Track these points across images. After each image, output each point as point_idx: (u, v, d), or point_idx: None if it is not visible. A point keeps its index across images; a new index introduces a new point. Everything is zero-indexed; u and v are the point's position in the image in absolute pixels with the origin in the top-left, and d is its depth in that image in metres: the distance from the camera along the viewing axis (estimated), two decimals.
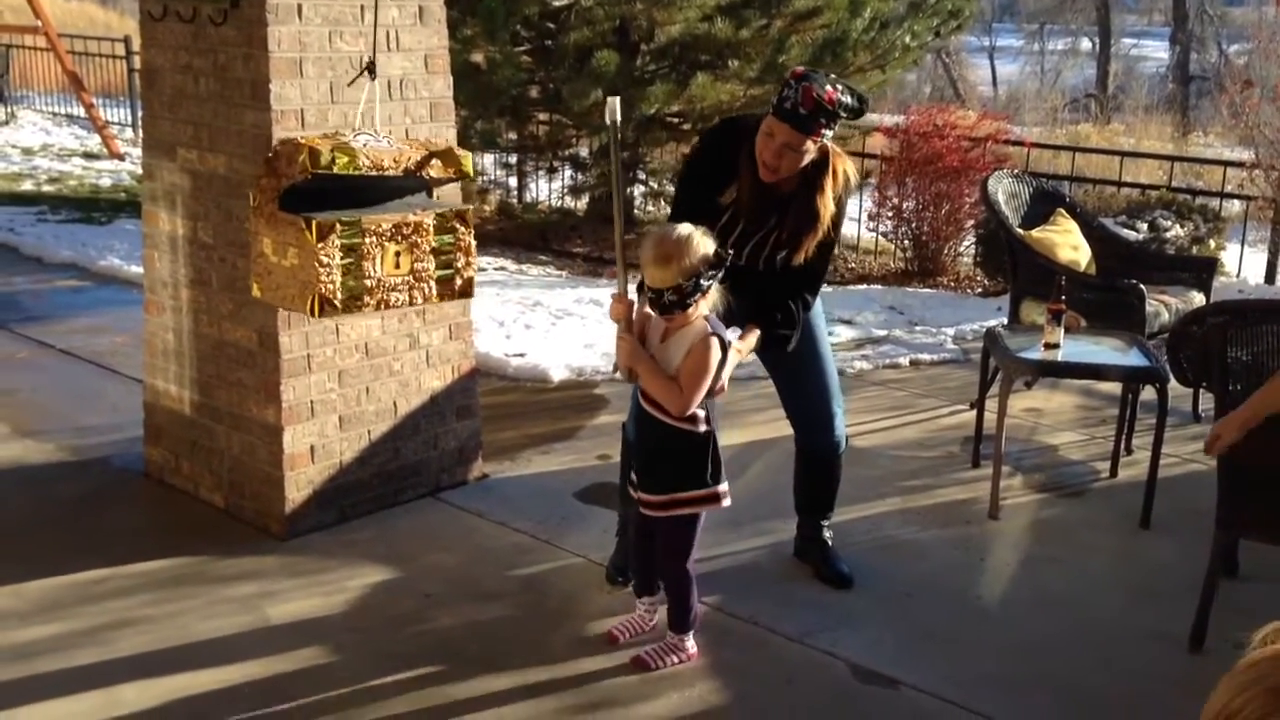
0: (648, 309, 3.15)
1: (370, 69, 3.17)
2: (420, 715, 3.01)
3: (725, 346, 3.09)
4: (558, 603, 3.59)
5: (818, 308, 3.65)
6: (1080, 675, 3.30)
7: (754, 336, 3.36)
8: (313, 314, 3.01)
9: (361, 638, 3.36)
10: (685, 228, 3.02)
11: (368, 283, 3.04)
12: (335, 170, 2.96)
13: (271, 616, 3.45)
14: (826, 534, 3.84)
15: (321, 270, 2.91)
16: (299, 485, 3.91)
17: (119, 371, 5.48)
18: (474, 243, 3.37)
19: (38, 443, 4.65)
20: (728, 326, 3.24)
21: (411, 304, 3.21)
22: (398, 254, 3.08)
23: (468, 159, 3.40)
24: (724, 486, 3.18)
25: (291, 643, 3.31)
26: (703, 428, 3.13)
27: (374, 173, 3.08)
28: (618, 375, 3.40)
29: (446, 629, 3.42)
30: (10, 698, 3.00)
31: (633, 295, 3.23)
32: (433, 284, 3.26)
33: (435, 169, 3.31)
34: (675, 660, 3.24)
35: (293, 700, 3.04)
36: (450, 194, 3.84)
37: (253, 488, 3.98)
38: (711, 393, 3.12)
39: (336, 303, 3.03)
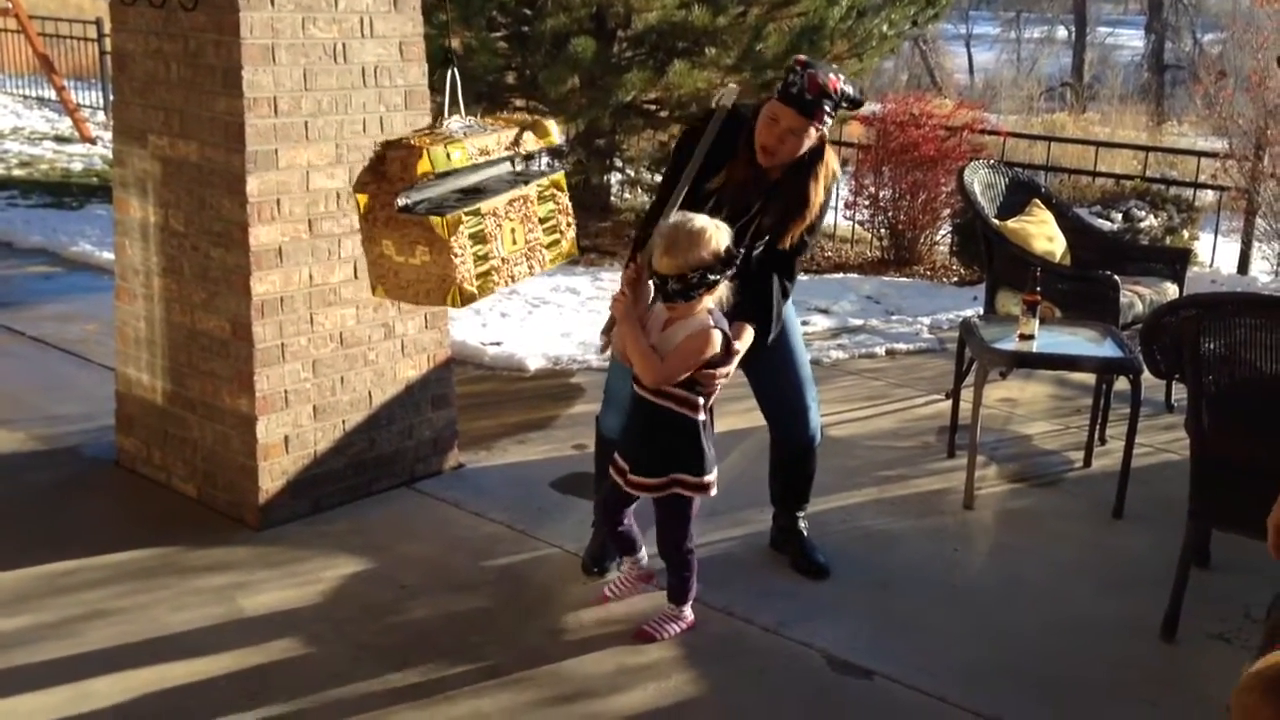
0: (651, 300, 3.15)
1: (448, 57, 3.20)
2: (396, 706, 2.99)
3: (728, 343, 3.12)
4: (533, 593, 3.58)
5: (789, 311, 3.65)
6: (1053, 665, 3.32)
7: (748, 334, 3.36)
8: (453, 305, 3.00)
9: (336, 628, 3.34)
10: (700, 219, 3.04)
11: (494, 262, 3.05)
12: (452, 165, 2.95)
13: (245, 608, 3.42)
14: (802, 524, 3.85)
15: (456, 261, 2.91)
16: (273, 475, 3.88)
17: (90, 360, 5.42)
18: (570, 205, 3.36)
19: (8, 432, 4.60)
20: None
21: (531, 274, 3.23)
22: (513, 230, 3.10)
23: (553, 128, 3.41)
24: (712, 477, 3.24)
25: (266, 634, 3.29)
26: (700, 415, 3.17)
27: (482, 159, 3.09)
28: (595, 356, 3.40)
29: (422, 620, 3.41)
30: None
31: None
32: (545, 251, 3.28)
33: (528, 142, 3.30)
34: (676, 629, 3.33)
35: (268, 692, 3.02)
36: None
37: (226, 478, 3.95)
38: (709, 392, 3.16)
39: (474, 289, 3.00)
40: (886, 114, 8.37)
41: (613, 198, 9.59)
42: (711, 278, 3.01)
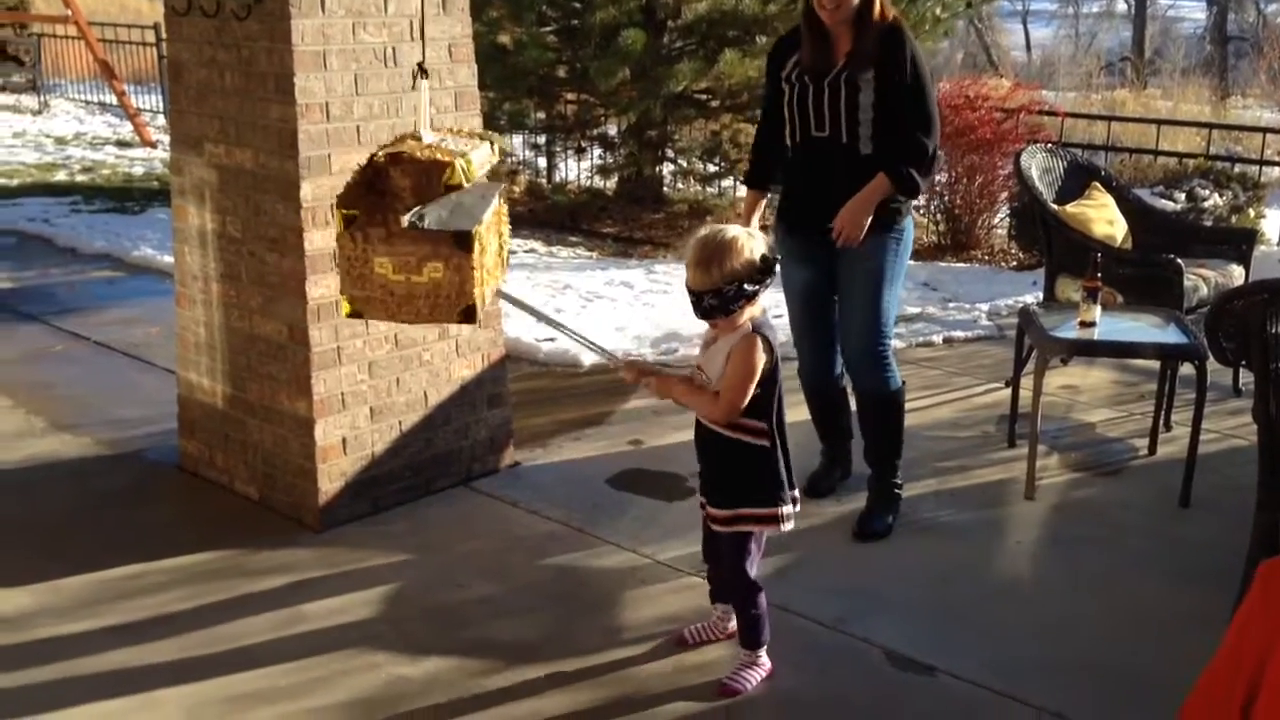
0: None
1: (422, 70, 3.13)
2: (455, 707, 3.01)
3: (771, 346, 2.93)
4: (591, 592, 3.59)
5: (908, 233, 3.88)
6: (1120, 659, 3.27)
7: (882, 183, 3.68)
8: (466, 322, 2.93)
9: (396, 629, 3.37)
10: (733, 229, 2.90)
11: (485, 274, 3.00)
12: (470, 177, 2.89)
13: (307, 610, 3.46)
14: (889, 484, 4.00)
15: (474, 274, 2.86)
16: (331, 477, 3.92)
17: (153, 363, 5.52)
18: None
19: (74, 436, 4.69)
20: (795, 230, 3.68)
21: (500, 283, 3.16)
22: (490, 241, 3.04)
23: (501, 141, 3.37)
24: (787, 509, 3.03)
25: (327, 636, 3.33)
26: (763, 441, 2.98)
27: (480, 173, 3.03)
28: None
29: (480, 619, 3.43)
30: (48, 697, 3.03)
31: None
32: (504, 261, 3.24)
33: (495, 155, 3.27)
34: (757, 677, 3.11)
35: (329, 694, 3.06)
36: None
37: (286, 480, 4.00)
38: (780, 402, 3.01)
39: (486, 302, 2.96)
40: (941, 97, 8.25)
41: (665, 189, 9.56)
42: (749, 289, 2.86)
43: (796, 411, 4.34)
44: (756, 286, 2.88)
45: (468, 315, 2.87)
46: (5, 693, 3.04)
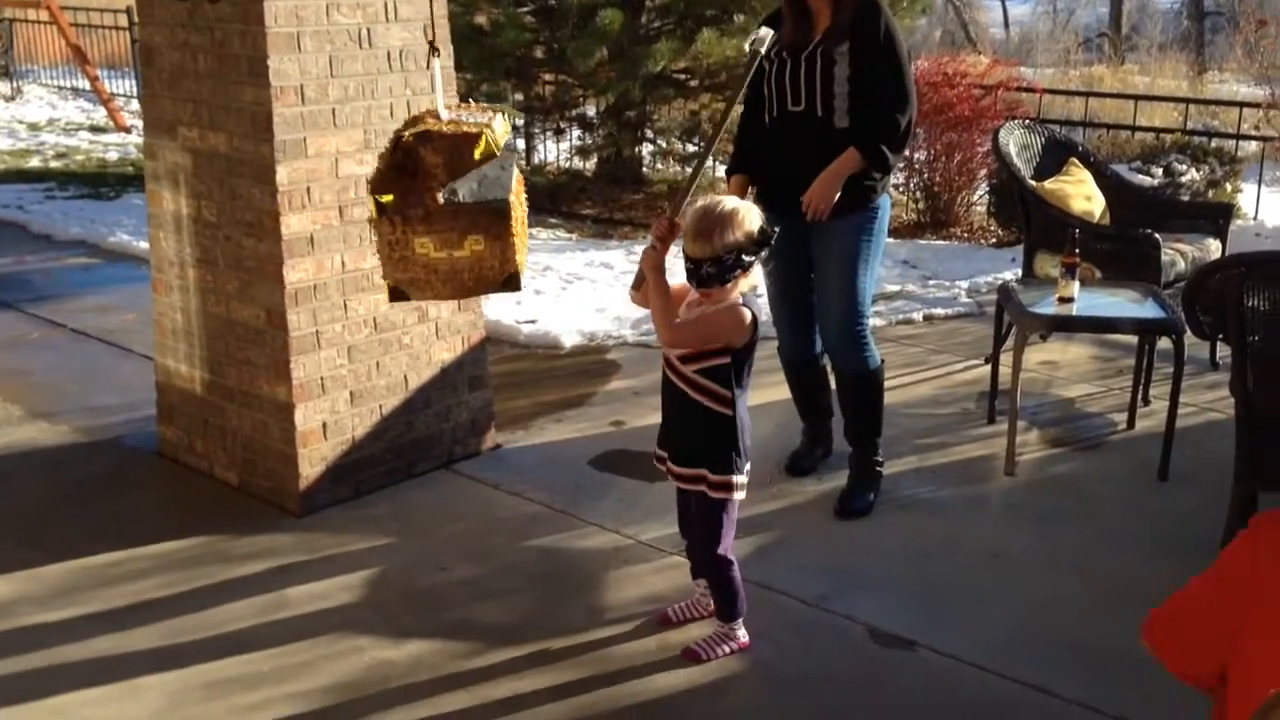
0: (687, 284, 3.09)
1: (433, 48, 3.11)
2: (439, 688, 3.01)
3: (756, 320, 3.00)
4: (574, 573, 3.59)
5: (884, 211, 3.87)
6: (1100, 632, 3.29)
7: (853, 157, 3.67)
8: (511, 289, 2.91)
9: (379, 613, 3.36)
10: (732, 201, 2.98)
11: (521, 241, 2.99)
12: (498, 147, 2.88)
13: (290, 595, 3.46)
14: (870, 462, 4.00)
15: (514, 241, 2.86)
16: (312, 462, 3.91)
17: (131, 350, 5.48)
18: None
19: (51, 424, 4.66)
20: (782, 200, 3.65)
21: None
22: (520, 208, 3.01)
23: (512, 112, 3.34)
24: (740, 478, 3.07)
25: (310, 621, 3.32)
26: (725, 409, 3.03)
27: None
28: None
29: (463, 602, 3.43)
30: (30, 685, 3.02)
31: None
32: (525, 227, 3.21)
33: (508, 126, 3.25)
34: (727, 650, 3.15)
35: (312, 679, 3.05)
36: None
37: (266, 465, 3.99)
38: (747, 371, 3.05)
39: (524, 267, 2.95)
40: (919, 74, 8.24)
41: (645, 169, 9.54)
42: (746, 259, 2.93)
43: (777, 390, 4.36)
44: (753, 258, 2.95)
45: (511, 282, 2.89)
46: None
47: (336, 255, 3.87)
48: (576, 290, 6.51)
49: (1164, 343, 4.57)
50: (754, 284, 3.04)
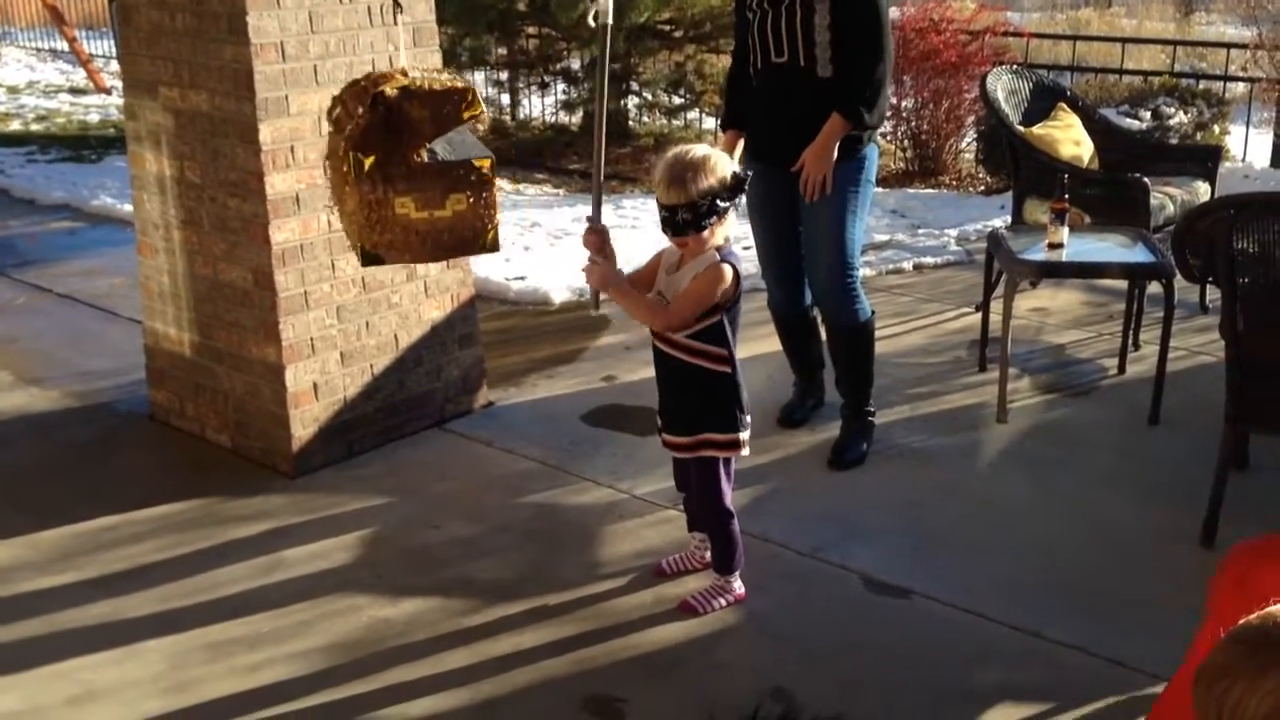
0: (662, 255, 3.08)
1: (396, 3, 3.06)
2: (438, 645, 3.03)
3: (738, 273, 2.98)
4: (569, 529, 3.60)
5: (871, 161, 3.83)
6: (1092, 576, 3.32)
7: (837, 125, 3.61)
8: (488, 250, 2.88)
9: (375, 572, 3.37)
10: (702, 148, 2.95)
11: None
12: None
13: (286, 556, 3.46)
14: (863, 413, 4.01)
15: (496, 200, 2.83)
16: (304, 423, 3.90)
17: (118, 314, 5.45)
18: None
19: (42, 390, 4.64)
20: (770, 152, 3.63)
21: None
22: None
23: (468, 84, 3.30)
24: (745, 434, 3.10)
25: (307, 581, 3.33)
26: (724, 367, 3.03)
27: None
28: (594, 312, 3.34)
29: (459, 559, 3.44)
30: (30, 651, 3.02)
31: (606, 223, 3.14)
32: None
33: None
34: (723, 603, 3.17)
35: (312, 639, 3.06)
36: None
37: (259, 427, 3.98)
38: (735, 325, 3.05)
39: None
40: (905, 20, 8.19)
41: (631, 122, 9.47)
42: (721, 204, 2.90)
43: (768, 342, 4.36)
44: (728, 204, 2.92)
45: (491, 245, 2.86)
46: None
47: (323, 215, 3.85)
48: (565, 246, 6.48)
49: (1154, 287, 4.57)
50: (729, 234, 3.01)
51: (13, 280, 6.02)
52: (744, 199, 3.06)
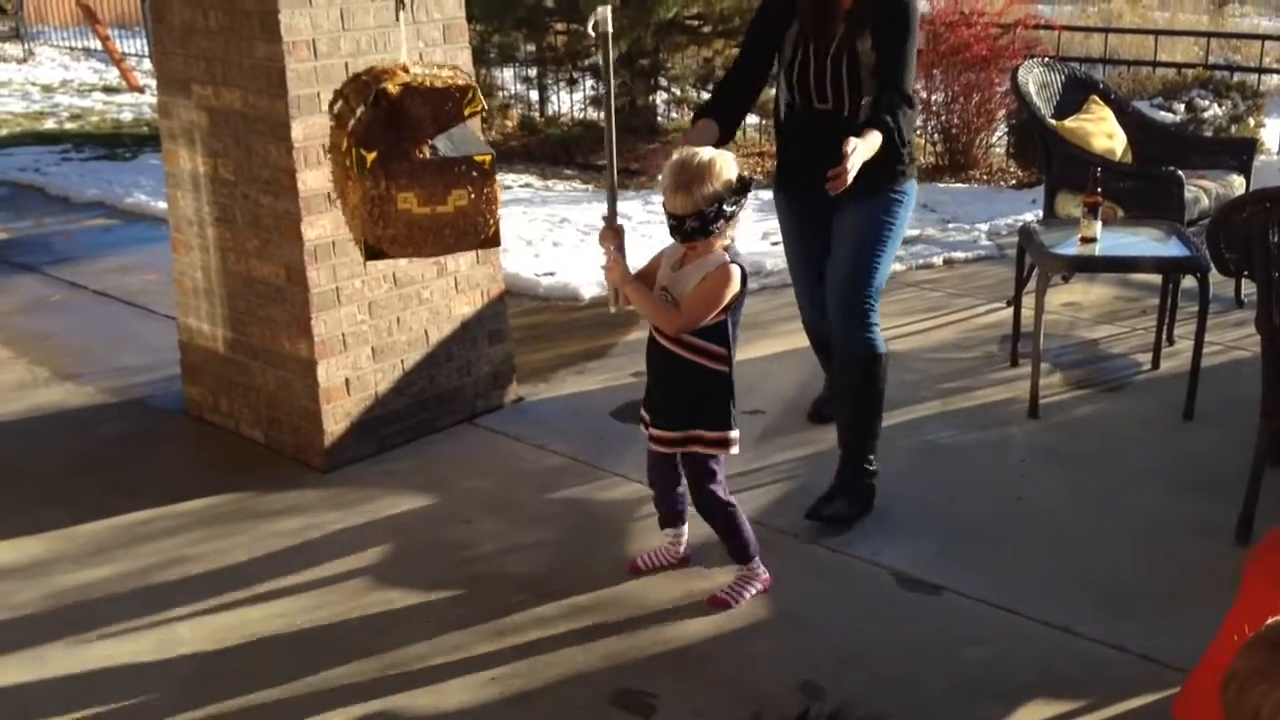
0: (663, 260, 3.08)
1: (400, 2, 3.08)
2: (469, 639, 3.04)
3: (745, 275, 2.99)
4: (598, 524, 3.61)
5: (910, 197, 3.65)
6: (1125, 573, 3.29)
7: (875, 137, 3.32)
8: (492, 245, 2.91)
9: (406, 566, 3.39)
10: (708, 152, 2.92)
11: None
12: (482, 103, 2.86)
13: (318, 550, 3.49)
14: (843, 466, 3.60)
15: (498, 196, 2.85)
16: (336, 418, 3.93)
17: (153, 310, 5.50)
18: None
19: (77, 385, 4.69)
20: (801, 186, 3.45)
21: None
22: None
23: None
24: (735, 433, 3.09)
25: (339, 575, 3.35)
26: (722, 366, 3.04)
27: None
28: (613, 309, 3.34)
29: (489, 554, 3.45)
30: (70, 643, 3.06)
31: (621, 222, 3.14)
32: None
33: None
34: (752, 591, 3.18)
35: (345, 632, 3.09)
36: None
37: (291, 422, 4.01)
38: (736, 325, 3.05)
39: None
40: (935, 15, 8.15)
41: (659, 118, 9.47)
42: (728, 209, 2.89)
43: (797, 338, 4.35)
44: (735, 207, 2.92)
45: (493, 239, 2.87)
46: (25, 639, 3.07)
47: None
48: (594, 241, 6.45)
49: (1188, 281, 4.54)
50: (733, 236, 2.99)
51: (49, 277, 6.08)
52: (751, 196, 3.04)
